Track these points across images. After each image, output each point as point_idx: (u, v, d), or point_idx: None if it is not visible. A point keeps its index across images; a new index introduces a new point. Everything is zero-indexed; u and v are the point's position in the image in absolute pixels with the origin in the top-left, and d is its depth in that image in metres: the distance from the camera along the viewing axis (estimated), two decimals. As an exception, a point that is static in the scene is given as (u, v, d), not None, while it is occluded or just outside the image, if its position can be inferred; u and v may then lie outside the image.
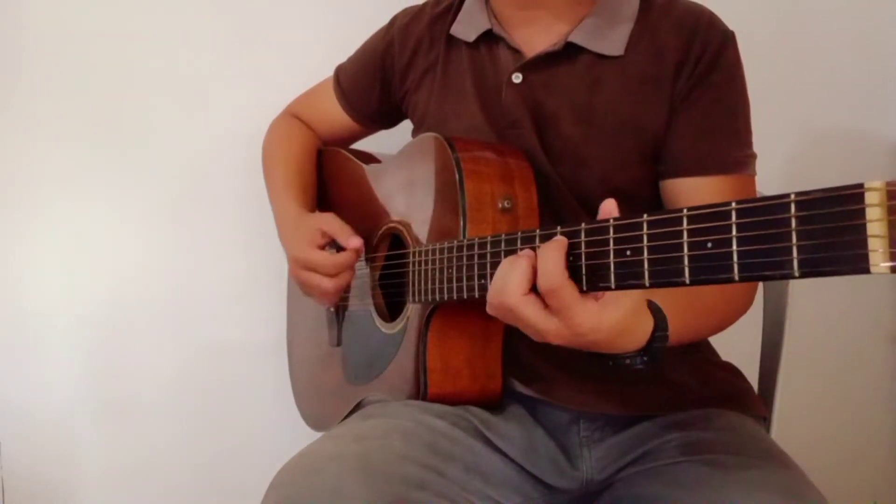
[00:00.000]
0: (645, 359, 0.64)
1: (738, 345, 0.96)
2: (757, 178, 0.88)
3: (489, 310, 0.66)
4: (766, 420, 0.93)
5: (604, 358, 0.65)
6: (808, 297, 1.03)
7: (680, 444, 0.79)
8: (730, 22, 0.89)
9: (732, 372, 0.94)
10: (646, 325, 0.64)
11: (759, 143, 0.88)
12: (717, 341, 0.95)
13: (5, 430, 1.31)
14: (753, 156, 0.87)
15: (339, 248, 0.94)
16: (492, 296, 0.64)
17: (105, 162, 1.32)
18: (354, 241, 0.92)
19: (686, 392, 0.86)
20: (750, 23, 0.94)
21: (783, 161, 1.28)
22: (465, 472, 0.77)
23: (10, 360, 1.31)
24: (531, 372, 0.88)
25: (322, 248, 0.95)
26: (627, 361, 0.64)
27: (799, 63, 1.37)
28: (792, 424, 0.95)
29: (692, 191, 0.84)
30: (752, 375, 0.99)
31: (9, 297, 1.31)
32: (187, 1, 1.32)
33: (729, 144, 0.85)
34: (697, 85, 0.85)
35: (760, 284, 1.02)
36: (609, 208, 0.59)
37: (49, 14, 1.28)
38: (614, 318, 0.59)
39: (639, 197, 0.87)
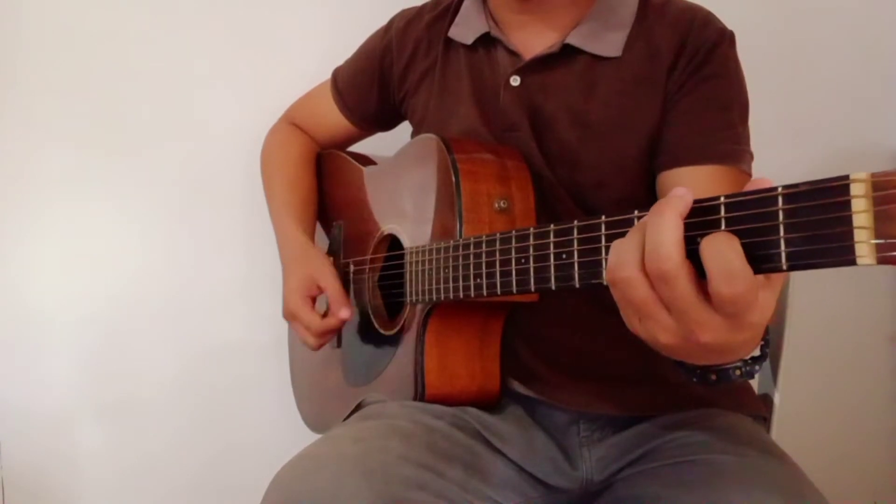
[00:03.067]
0: (757, 368, 0.56)
1: (737, 345, 0.96)
2: (751, 178, 0.87)
3: (619, 283, 0.51)
4: (766, 420, 0.93)
5: (707, 371, 0.57)
6: (808, 296, 1.03)
7: (680, 444, 0.80)
8: (730, 22, 0.89)
9: (732, 372, 0.93)
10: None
11: (758, 143, 0.88)
12: (716, 341, 0.95)
13: (5, 430, 1.32)
14: (749, 153, 0.86)
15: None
16: (650, 260, 0.48)
17: (105, 162, 1.32)
18: (344, 313, 0.93)
19: (685, 392, 0.86)
20: (750, 23, 0.93)
21: (782, 162, 1.28)
22: (465, 473, 0.77)
23: (10, 360, 1.31)
24: (530, 373, 0.88)
25: (314, 297, 0.97)
26: (734, 372, 0.56)
27: (799, 63, 1.37)
28: (792, 424, 0.95)
29: (685, 181, 0.83)
30: (752, 375, 0.99)
31: (9, 297, 1.31)
32: (187, 2, 1.32)
33: (721, 136, 0.84)
34: (689, 79, 0.85)
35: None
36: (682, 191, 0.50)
37: (49, 14, 1.28)
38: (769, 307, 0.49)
39: (636, 199, 0.87)
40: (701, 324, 0.48)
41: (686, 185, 0.82)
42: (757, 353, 0.56)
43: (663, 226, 0.48)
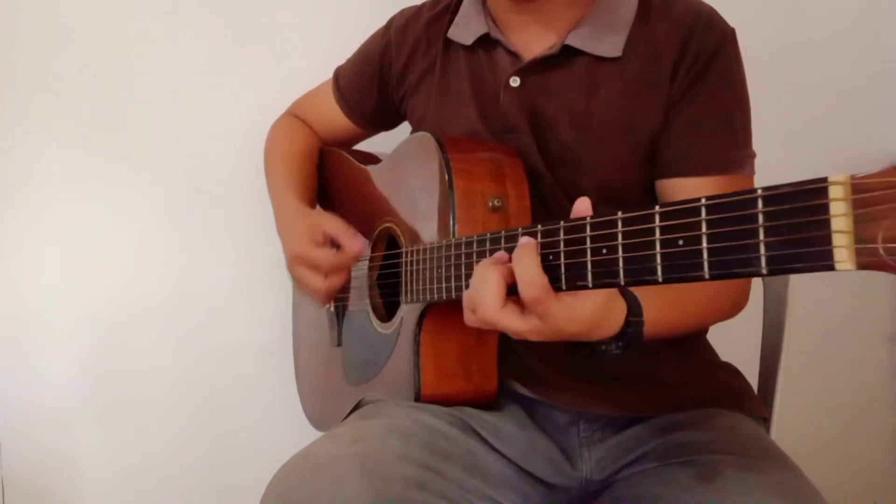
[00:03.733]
0: (620, 344, 0.65)
1: (738, 345, 0.96)
2: (755, 176, 0.88)
3: (467, 323, 0.65)
4: (765, 420, 0.93)
5: (581, 348, 0.66)
6: (808, 297, 1.03)
7: (679, 444, 0.79)
8: (730, 22, 0.89)
9: (732, 372, 0.93)
10: (620, 311, 0.65)
11: (758, 144, 0.88)
12: (717, 341, 0.95)
13: (5, 430, 1.32)
14: (752, 155, 0.87)
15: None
16: (468, 313, 0.64)
17: (105, 162, 1.32)
18: (357, 244, 0.90)
19: (685, 393, 0.86)
20: (750, 23, 0.93)
21: (782, 162, 1.28)
22: (464, 472, 0.77)
23: (10, 360, 1.31)
24: (530, 373, 0.87)
25: (321, 247, 0.95)
26: (603, 348, 0.65)
27: (799, 63, 1.37)
28: (792, 424, 0.95)
29: (687, 191, 0.84)
30: (752, 375, 0.99)
31: (9, 297, 1.31)
32: (187, 2, 1.32)
33: (725, 144, 0.85)
34: (693, 84, 0.85)
35: (760, 285, 1.02)
36: (583, 207, 0.59)
37: (49, 14, 1.28)
38: (589, 310, 0.60)
39: (635, 200, 0.87)
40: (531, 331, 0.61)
41: (687, 196, 0.82)
42: (619, 330, 0.65)
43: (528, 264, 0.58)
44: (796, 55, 1.37)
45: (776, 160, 0.93)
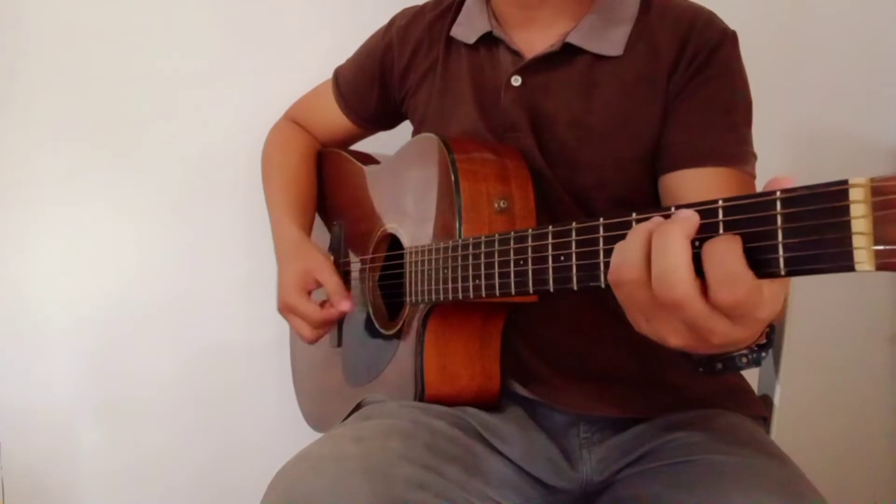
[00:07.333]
0: (753, 356, 0.56)
1: (737, 345, 0.96)
2: (755, 180, 0.87)
3: (640, 310, 0.52)
4: (766, 420, 0.93)
5: (695, 362, 0.58)
6: (808, 296, 1.03)
7: (679, 444, 0.79)
8: (730, 22, 0.89)
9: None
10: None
11: (758, 144, 0.88)
12: (716, 341, 0.95)
13: (5, 430, 1.31)
14: (753, 154, 0.86)
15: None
16: (659, 286, 0.48)
17: (105, 162, 1.32)
18: (344, 305, 0.93)
19: (686, 393, 0.86)
20: (750, 23, 0.93)
21: (782, 162, 1.28)
22: (465, 473, 0.77)
23: (10, 360, 1.31)
24: (530, 374, 0.88)
25: (311, 291, 0.97)
26: (739, 360, 0.56)
27: (799, 63, 1.37)
28: (792, 424, 0.95)
29: (689, 183, 0.83)
30: (752, 375, 0.99)
31: (9, 297, 1.31)
32: (187, 1, 1.32)
33: (725, 138, 0.84)
34: (691, 80, 0.85)
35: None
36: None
37: (49, 14, 1.28)
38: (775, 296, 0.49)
39: (636, 200, 0.87)
40: (712, 330, 0.48)
41: (690, 188, 0.83)
42: (763, 340, 0.56)
43: (670, 249, 0.47)
44: (796, 55, 1.37)
45: (775, 160, 0.93)
